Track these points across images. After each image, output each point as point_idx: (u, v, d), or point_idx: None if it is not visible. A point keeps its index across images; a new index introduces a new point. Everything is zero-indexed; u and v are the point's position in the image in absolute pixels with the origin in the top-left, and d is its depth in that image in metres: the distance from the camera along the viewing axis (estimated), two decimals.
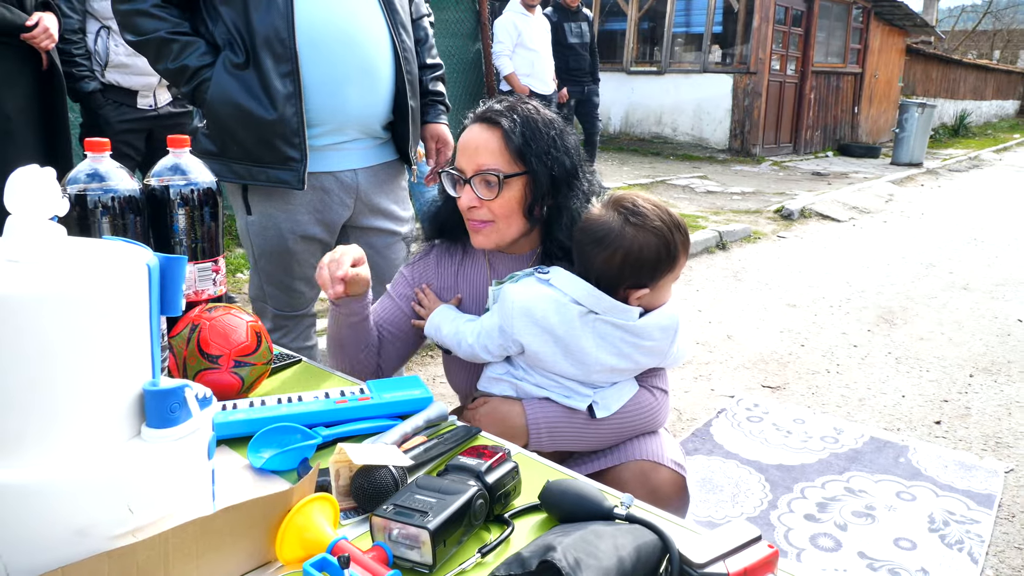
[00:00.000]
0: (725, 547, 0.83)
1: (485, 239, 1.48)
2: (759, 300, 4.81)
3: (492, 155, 1.43)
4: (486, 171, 1.43)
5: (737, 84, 11.69)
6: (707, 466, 2.69)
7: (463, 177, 1.46)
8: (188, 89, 1.88)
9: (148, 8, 1.82)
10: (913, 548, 2.22)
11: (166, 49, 1.84)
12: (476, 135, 1.46)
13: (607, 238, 1.35)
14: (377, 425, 1.20)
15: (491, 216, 1.45)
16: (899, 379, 3.60)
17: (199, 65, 1.85)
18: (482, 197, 1.44)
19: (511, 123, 1.43)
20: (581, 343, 1.34)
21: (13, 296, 0.70)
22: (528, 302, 1.34)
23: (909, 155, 12.24)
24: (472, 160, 1.45)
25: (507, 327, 1.36)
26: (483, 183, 1.44)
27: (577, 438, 1.41)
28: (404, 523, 0.85)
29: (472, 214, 1.46)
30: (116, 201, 1.23)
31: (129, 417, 0.79)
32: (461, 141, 1.49)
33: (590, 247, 1.36)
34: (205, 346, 1.24)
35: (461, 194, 1.47)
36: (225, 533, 0.82)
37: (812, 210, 7.70)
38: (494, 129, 1.44)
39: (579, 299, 1.34)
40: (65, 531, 0.73)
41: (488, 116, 1.46)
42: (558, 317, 1.33)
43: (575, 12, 7.27)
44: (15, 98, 2.84)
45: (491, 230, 1.47)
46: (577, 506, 0.91)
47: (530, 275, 1.40)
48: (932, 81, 19.32)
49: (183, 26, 1.86)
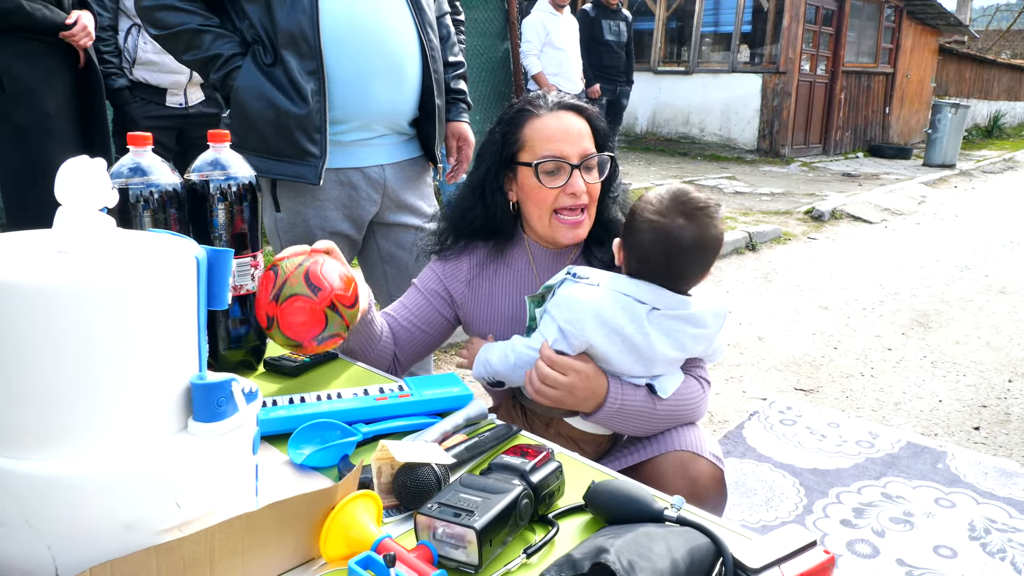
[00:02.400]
0: (780, 552, 0.81)
1: (584, 230, 1.52)
2: (790, 302, 4.75)
3: (590, 140, 1.50)
4: (591, 156, 1.48)
5: (766, 84, 11.58)
6: (740, 469, 2.65)
7: (569, 163, 1.47)
8: (218, 76, 1.87)
9: (175, 3, 1.82)
10: (954, 556, 2.17)
11: (198, 39, 1.84)
12: (572, 121, 1.49)
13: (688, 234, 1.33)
14: (416, 422, 1.19)
15: (588, 202, 1.49)
16: (935, 383, 3.53)
17: (232, 53, 1.85)
18: (590, 183, 1.48)
19: (587, 107, 1.53)
20: (651, 340, 1.33)
21: (64, 287, 0.70)
22: (597, 304, 1.31)
23: (942, 156, 12.04)
24: (577, 145, 1.47)
25: (576, 330, 1.31)
26: (585, 169, 1.48)
27: (638, 418, 1.38)
28: (450, 522, 0.84)
29: (574, 202, 1.48)
30: (157, 195, 1.23)
31: (176, 411, 0.78)
32: (553, 128, 1.48)
33: (663, 244, 1.33)
34: (314, 277, 1.25)
35: (563, 183, 1.47)
36: (270, 529, 0.81)
37: (843, 211, 7.60)
38: (581, 116, 1.51)
39: (642, 298, 1.32)
40: (113, 525, 0.73)
41: (570, 104, 1.51)
42: (626, 317, 1.31)
43: (615, 11, 7.24)
44: (55, 95, 2.87)
45: (587, 219, 1.51)
46: (626, 507, 0.89)
47: (567, 281, 1.37)
48: (965, 81, 19.01)
49: (214, 20, 1.87)
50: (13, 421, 0.71)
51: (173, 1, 1.82)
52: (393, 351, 1.59)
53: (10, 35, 2.73)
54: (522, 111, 1.52)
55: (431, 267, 1.65)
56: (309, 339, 1.26)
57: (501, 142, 1.53)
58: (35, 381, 0.70)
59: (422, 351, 1.65)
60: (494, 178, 1.53)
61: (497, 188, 1.53)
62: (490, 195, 1.53)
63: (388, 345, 1.57)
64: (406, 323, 1.61)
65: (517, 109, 1.54)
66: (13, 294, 0.69)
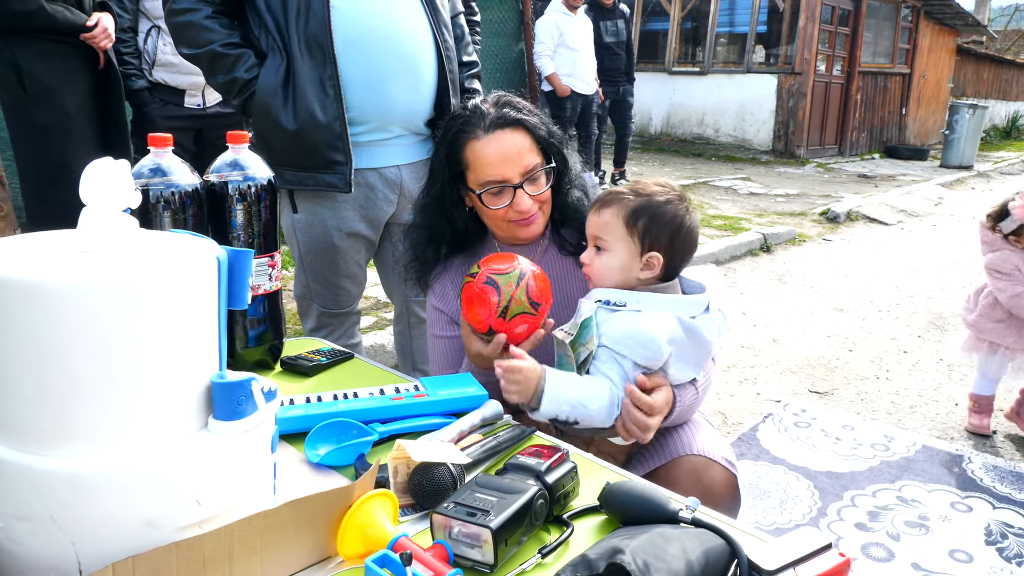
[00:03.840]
0: (795, 554, 0.81)
1: (538, 227, 1.57)
2: (805, 304, 4.72)
3: (530, 153, 1.52)
4: (532, 170, 1.51)
5: (781, 84, 11.52)
6: (754, 471, 2.64)
7: (512, 184, 1.50)
8: (238, 102, 1.92)
9: (201, 21, 1.85)
10: (970, 561, 2.16)
11: (219, 63, 1.88)
12: (509, 142, 1.51)
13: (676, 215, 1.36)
14: (432, 422, 1.20)
15: (538, 207, 1.54)
16: (951, 387, 3.50)
17: (247, 78, 1.88)
18: (535, 195, 1.52)
19: (527, 118, 1.52)
20: (707, 347, 1.36)
21: (86, 287, 0.71)
22: (668, 333, 1.29)
23: (959, 157, 11.94)
24: (518, 164, 1.50)
25: (655, 363, 1.30)
26: (530, 182, 1.51)
27: (688, 411, 1.41)
28: (466, 521, 0.84)
29: (521, 217, 1.52)
30: (177, 196, 1.24)
31: (197, 409, 0.79)
32: (491, 153, 1.50)
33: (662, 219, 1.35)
34: (534, 294, 1.34)
35: (508, 202, 1.50)
36: (288, 527, 0.82)
37: (859, 213, 7.55)
38: (519, 130, 1.52)
39: (688, 312, 1.32)
40: (134, 521, 0.74)
41: (504, 121, 1.51)
42: (686, 335, 1.32)
43: (611, 10, 7.19)
44: (75, 96, 2.90)
45: (540, 217, 1.56)
46: (641, 508, 0.90)
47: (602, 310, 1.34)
48: (983, 82, 18.83)
49: (234, 37, 1.89)
50: (37, 418, 0.72)
51: (199, 19, 1.85)
52: None
53: (31, 36, 2.77)
54: (460, 132, 1.53)
55: (433, 306, 1.65)
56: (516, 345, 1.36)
57: (446, 163, 1.56)
58: (60, 379, 0.72)
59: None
60: (449, 193, 1.57)
61: (455, 201, 1.57)
62: (450, 208, 1.57)
63: None
64: (459, 367, 1.57)
65: (455, 131, 1.54)
66: (39, 294, 0.70)
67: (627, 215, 1.36)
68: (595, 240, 1.40)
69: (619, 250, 1.36)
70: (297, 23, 1.83)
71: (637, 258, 1.36)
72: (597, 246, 1.40)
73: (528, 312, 1.34)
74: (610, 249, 1.37)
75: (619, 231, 1.36)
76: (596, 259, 1.39)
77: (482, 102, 1.56)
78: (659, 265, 1.36)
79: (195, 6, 1.85)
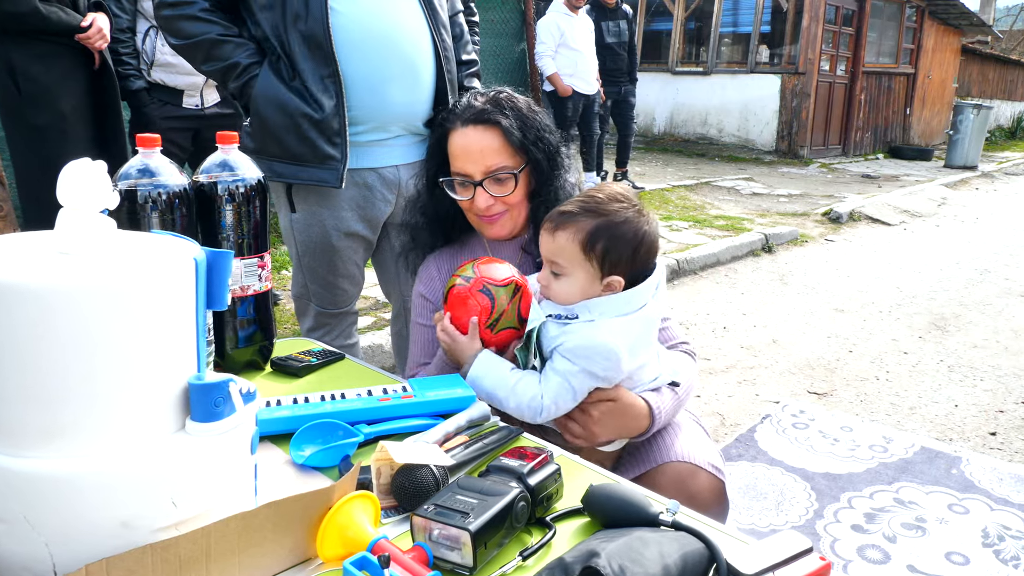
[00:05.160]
0: (775, 558, 0.80)
1: (501, 228, 1.56)
2: (806, 304, 4.71)
3: (497, 154, 1.51)
4: (497, 171, 1.51)
5: (785, 85, 11.50)
6: (751, 473, 2.64)
7: (472, 181, 1.52)
8: (237, 85, 1.90)
9: (196, 12, 1.85)
10: (966, 563, 2.15)
11: (218, 49, 1.87)
12: (476, 138, 1.51)
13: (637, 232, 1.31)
14: (419, 424, 1.19)
15: (504, 208, 1.54)
16: (952, 388, 3.49)
17: (250, 62, 1.87)
18: (497, 195, 1.52)
19: (506, 119, 1.50)
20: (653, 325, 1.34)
21: (63, 288, 0.71)
22: (627, 341, 1.27)
23: (963, 158, 11.91)
24: (479, 163, 1.51)
25: (616, 373, 1.28)
26: (494, 182, 1.51)
27: (673, 414, 1.41)
28: (445, 523, 0.84)
29: (489, 210, 1.53)
30: (165, 196, 1.24)
31: (174, 410, 0.79)
32: (459, 146, 1.54)
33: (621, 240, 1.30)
34: (524, 312, 1.35)
35: (470, 197, 1.53)
36: (267, 529, 0.81)
37: (861, 213, 7.53)
38: (492, 128, 1.51)
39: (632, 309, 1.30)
40: (110, 522, 0.74)
41: (482, 117, 1.51)
42: (648, 336, 1.32)
43: (613, 10, 7.18)
44: (70, 97, 2.90)
45: (506, 219, 1.55)
46: (621, 511, 0.89)
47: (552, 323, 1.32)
48: (988, 82, 18.78)
49: (233, 29, 1.89)
50: (12, 419, 0.72)
51: (195, 11, 1.85)
52: None
53: (26, 37, 2.77)
54: (445, 120, 1.58)
55: (420, 294, 1.66)
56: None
57: (435, 148, 1.61)
58: (35, 380, 0.71)
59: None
60: (434, 178, 1.61)
61: (445, 185, 1.60)
62: (439, 193, 1.60)
63: None
64: (434, 357, 1.56)
65: (444, 118, 1.60)
66: (14, 295, 0.70)
67: (584, 239, 1.28)
68: (551, 265, 1.32)
69: (578, 275, 1.29)
70: (296, 24, 1.83)
71: (597, 281, 1.30)
72: (553, 271, 1.32)
73: (514, 327, 1.36)
74: (567, 274, 1.30)
75: (576, 256, 1.28)
76: (554, 283, 1.32)
77: (477, 95, 1.58)
78: (619, 287, 1.30)
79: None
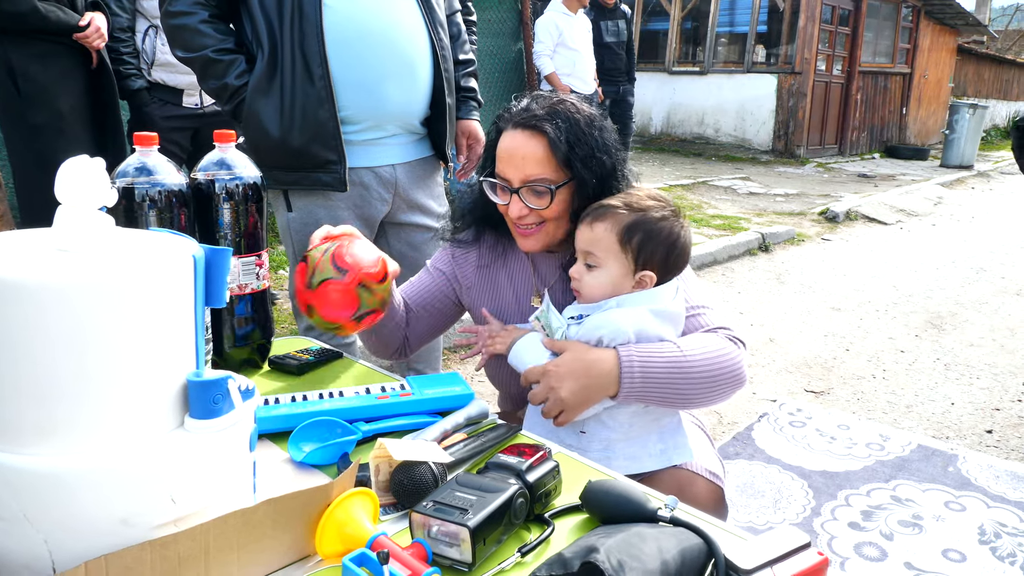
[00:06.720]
0: (773, 553, 0.80)
1: (535, 243, 1.44)
2: (802, 303, 4.72)
3: (539, 164, 1.38)
4: (535, 182, 1.38)
5: (781, 84, 11.51)
6: (748, 471, 2.64)
7: (510, 187, 1.41)
8: (229, 108, 1.93)
9: (196, 25, 1.86)
10: (963, 560, 2.15)
11: (211, 68, 1.89)
12: (520, 143, 1.39)
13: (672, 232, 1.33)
14: (417, 421, 1.20)
15: (539, 220, 1.41)
16: (948, 386, 3.50)
17: (237, 85, 1.89)
18: (532, 207, 1.39)
19: (555, 129, 1.37)
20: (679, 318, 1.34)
21: (62, 284, 0.71)
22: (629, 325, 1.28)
23: (959, 157, 11.94)
24: (519, 170, 1.39)
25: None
26: (531, 192, 1.39)
27: (670, 381, 1.26)
28: (444, 520, 0.84)
29: (521, 221, 1.42)
30: (163, 195, 1.24)
31: (173, 407, 0.79)
32: (503, 148, 1.42)
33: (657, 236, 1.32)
34: (339, 260, 1.26)
35: (507, 202, 1.42)
36: (265, 526, 0.82)
37: (858, 212, 7.54)
38: (538, 136, 1.38)
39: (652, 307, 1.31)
40: (109, 519, 0.74)
41: (531, 122, 1.39)
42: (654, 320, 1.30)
43: (612, 9, 7.18)
44: (69, 96, 2.90)
45: (541, 234, 1.43)
46: (620, 507, 0.90)
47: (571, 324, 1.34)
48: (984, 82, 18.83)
49: (227, 42, 1.90)
50: (11, 416, 0.72)
51: (195, 23, 1.86)
52: (405, 330, 1.59)
53: (24, 36, 2.77)
54: (500, 118, 1.48)
55: (446, 249, 1.63)
56: (347, 319, 1.28)
57: (490, 145, 1.51)
58: (34, 377, 0.71)
59: (429, 332, 1.63)
60: (484, 169, 1.53)
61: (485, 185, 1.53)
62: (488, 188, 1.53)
63: (402, 322, 1.57)
64: (415, 303, 1.59)
65: (499, 114, 1.49)
66: (13, 291, 0.70)
67: (621, 231, 1.30)
68: (586, 256, 1.33)
69: (611, 266, 1.31)
70: (291, 24, 1.84)
71: (630, 275, 1.31)
72: (588, 263, 1.33)
73: (333, 277, 1.26)
74: (602, 265, 1.31)
75: (612, 247, 1.30)
76: (586, 275, 1.33)
77: (539, 98, 1.46)
78: (651, 283, 1.31)
79: (191, 9, 1.86)
